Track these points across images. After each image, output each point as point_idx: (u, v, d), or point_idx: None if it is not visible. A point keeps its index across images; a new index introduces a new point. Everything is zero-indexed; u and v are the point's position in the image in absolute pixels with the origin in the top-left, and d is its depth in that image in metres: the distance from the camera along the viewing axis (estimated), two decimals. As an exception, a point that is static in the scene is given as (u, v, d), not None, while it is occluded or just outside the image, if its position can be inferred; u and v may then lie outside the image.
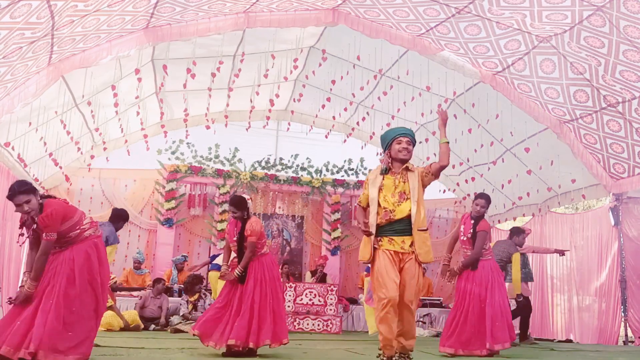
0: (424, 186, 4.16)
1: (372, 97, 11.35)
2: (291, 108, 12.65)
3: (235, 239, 5.57)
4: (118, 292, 9.63)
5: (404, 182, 4.12)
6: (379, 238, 4.08)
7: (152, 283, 9.96)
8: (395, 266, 4.02)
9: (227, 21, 8.00)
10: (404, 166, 4.18)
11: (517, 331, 8.06)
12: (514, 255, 7.80)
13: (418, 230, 4.03)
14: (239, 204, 5.57)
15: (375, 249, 4.07)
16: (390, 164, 4.19)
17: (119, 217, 7.11)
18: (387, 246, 4.05)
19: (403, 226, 4.06)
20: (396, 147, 4.17)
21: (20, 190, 4.23)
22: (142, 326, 8.98)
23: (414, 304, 4.05)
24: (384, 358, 4.10)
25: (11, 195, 4.24)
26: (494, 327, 6.02)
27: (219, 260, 8.56)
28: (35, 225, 4.28)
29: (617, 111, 8.25)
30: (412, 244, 4.03)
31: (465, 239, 6.35)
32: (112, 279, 9.26)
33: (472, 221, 6.37)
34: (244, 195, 5.75)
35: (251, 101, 10.88)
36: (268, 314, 5.39)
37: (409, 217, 4.05)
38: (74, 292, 4.25)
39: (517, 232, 8.28)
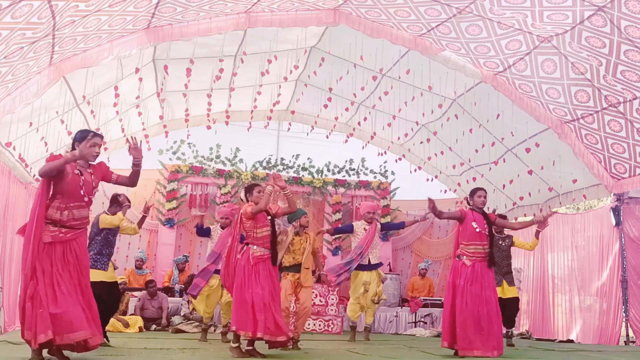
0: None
1: (373, 97, 11.35)
2: (292, 108, 12.65)
3: (269, 221, 5.62)
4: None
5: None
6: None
7: (144, 284, 9.96)
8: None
9: (228, 21, 7.99)
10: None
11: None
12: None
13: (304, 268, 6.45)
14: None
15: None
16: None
17: (113, 201, 6.61)
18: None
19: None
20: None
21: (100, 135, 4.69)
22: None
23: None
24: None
25: (94, 134, 4.60)
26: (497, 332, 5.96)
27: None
28: (92, 174, 4.61)
29: (619, 111, 8.25)
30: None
31: (483, 233, 6.00)
32: (121, 279, 9.26)
33: (482, 216, 6.13)
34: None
35: (255, 100, 10.90)
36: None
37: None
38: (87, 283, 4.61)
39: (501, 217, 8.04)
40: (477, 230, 6.02)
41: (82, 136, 4.56)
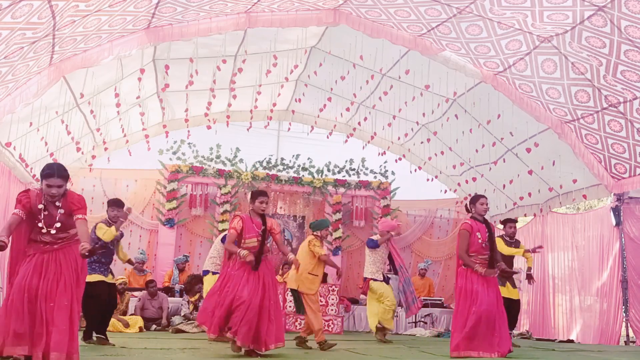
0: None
1: (374, 97, 11.35)
2: (292, 108, 12.65)
3: (260, 232, 5.71)
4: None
5: None
6: None
7: (145, 284, 9.95)
8: None
9: (229, 21, 8.00)
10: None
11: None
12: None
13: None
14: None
15: None
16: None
17: (114, 204, 6.62)
18: None
19: None
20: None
21: (60, 173, 4.23)
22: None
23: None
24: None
25: (49, 175, 4.19)
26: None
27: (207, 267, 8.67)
28: (60, 207, 4.26)
29: (619, 111, 8.25)
30: None
31: (484, 245, 5.94)
32: (122, 279, 9.24)
33: (484, 224, 6.03)
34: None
35: (255, 100, 10.89)
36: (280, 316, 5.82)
37: None
38: (79, 293, 4.30)
39: (505, 222, 8.09)
40: (480, 241, 5.95)
41: (41, 175, 4.26)
